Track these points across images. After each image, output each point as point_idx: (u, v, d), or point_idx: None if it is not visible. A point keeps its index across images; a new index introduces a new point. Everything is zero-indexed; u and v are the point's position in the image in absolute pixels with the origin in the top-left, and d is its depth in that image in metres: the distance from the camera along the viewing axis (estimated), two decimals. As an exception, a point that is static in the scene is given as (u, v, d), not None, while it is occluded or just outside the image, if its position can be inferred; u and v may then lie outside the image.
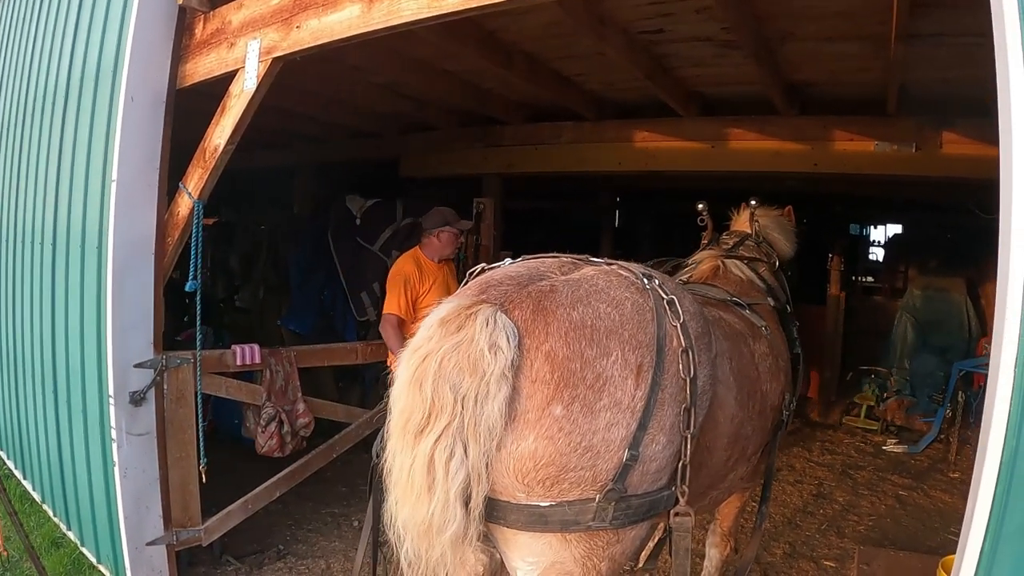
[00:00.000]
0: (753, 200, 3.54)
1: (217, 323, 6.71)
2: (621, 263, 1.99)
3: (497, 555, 1.92)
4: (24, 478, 4.90)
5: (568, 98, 5.06)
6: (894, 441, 6.58)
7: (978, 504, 1.52)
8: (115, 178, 3.31)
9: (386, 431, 1.75)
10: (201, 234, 3.44)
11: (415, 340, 1.72)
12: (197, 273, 3.47)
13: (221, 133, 3.23)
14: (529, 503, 1.71)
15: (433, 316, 1.72)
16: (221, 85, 3.24)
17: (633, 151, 5.50)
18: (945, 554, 2.96)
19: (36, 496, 4.67)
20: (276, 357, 4.11)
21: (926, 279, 7.46)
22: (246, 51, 3.06)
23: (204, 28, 3.36)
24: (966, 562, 1.54)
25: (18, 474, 5.01)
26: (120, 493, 3.37)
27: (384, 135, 7.03)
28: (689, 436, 1.80)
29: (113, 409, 3.34)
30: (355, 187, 6.45)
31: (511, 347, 1.62)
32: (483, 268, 1.99)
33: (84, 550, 3.95)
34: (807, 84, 4.49)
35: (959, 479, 5.63)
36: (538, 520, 1.71)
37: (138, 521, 3.42)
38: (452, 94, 5.25)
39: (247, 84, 3.06)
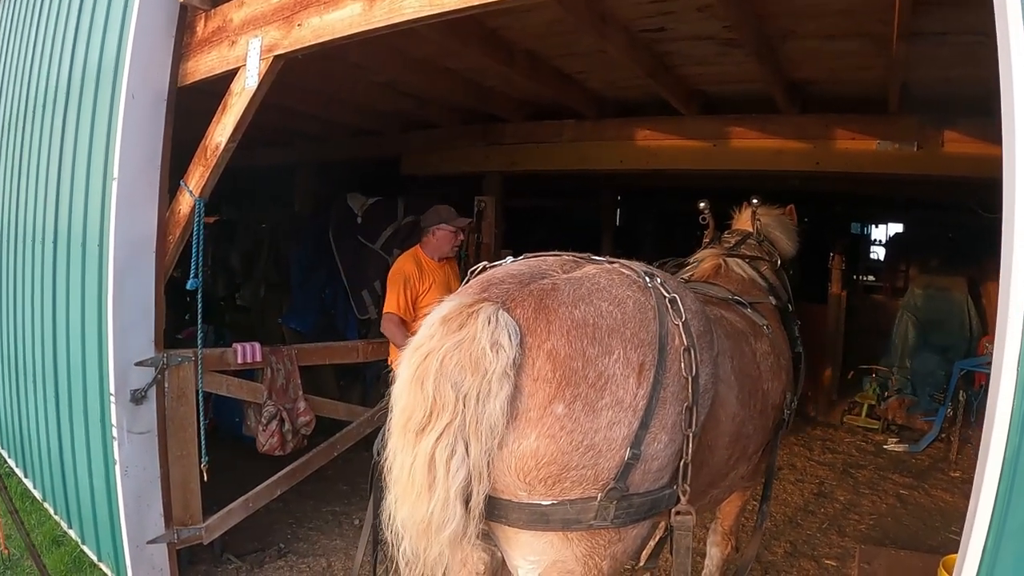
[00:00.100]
0: (755, 199, 3.53)
1: (218, 321, 6.73)
2: (623, 261, 1.99)
3: (498, 554, 1.92)
4: (25, 476, 4.91)
5: (569, 96, 5.06)
6: (895, 440, 6.58)
7: (980, 503, 1.52)
8: (116, 176, 3.31)
9: (387, 429, 1.75)
10: (202, 232, 3.44)
11: (416, 338, 1.71)
12: (198, 271, 3.47)
13: (222, 131, 3.23)
14: (530, 502, 1.70)
15: (435, 314, 1.71)
16: (222, 83, 3.24)
17: (634, 149, 5.50)
18: (946, 553, 2.95)
19: (37, 494, 4.68)
20: (277, 355, 4.11)
21: (927, 278, 7.46)
22: (247, 49, 3.06)
23: (205, 26, 3.36)
24: (968, 561, 1.54)
25: (19, 472, 5.02)
26: (121, 491, 3.38)
27: (385, 133, 7.03)
28: (691, 435, 1.80)
29: (114, 407, 3.34)
30: (356, 185, 6.45)
31: (513, 345, 1.62)
32: (485, 266, 1.99)
33: (85, 548, 3.95)
34: (808, 82, 4.49)
35: (960, 478, 5.63)
36: (539, 519, 1.71)
37: (139, 519, 3.43)
38: (453, 92, 5.24)
39: (248, 82, 3.06)
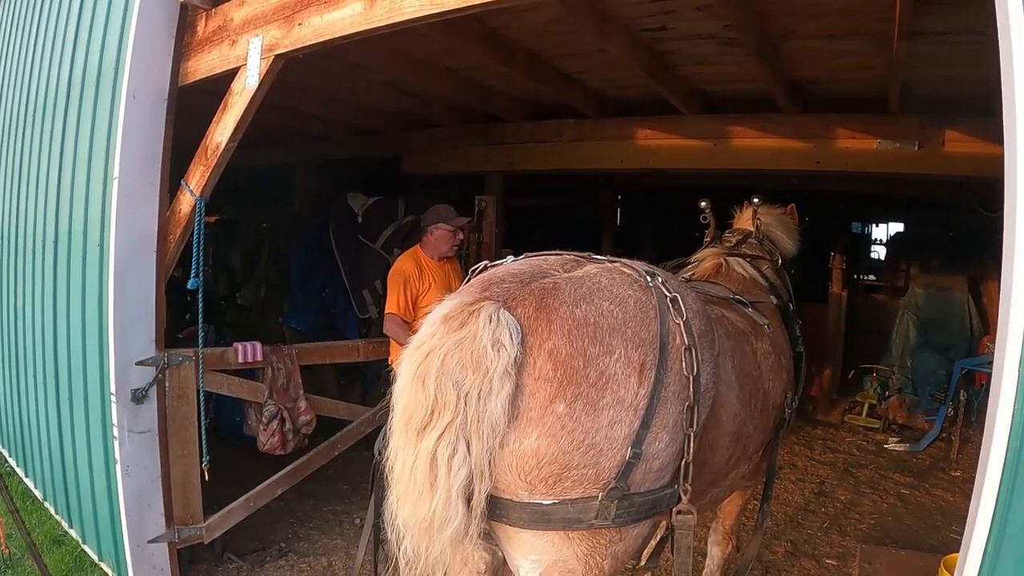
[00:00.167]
0: (756, 198, 3.53)
1: (219, 321, 6.72)
2: (624, 261, 1.99)
3: (499, 553, 1.92)
4: (26, 476, 4.91)
5: (570, 95, 5.05)
6: (896, 439, 6.57)
7: (982, 502, 1.52)
8: (117, 176, 3.31)
9: (388, 428, 1.74)
10: (203, 232, 3.44)
11: (418, 337, 1.71)
12: (199, 271, 3.47)
13: (223, 131, 3.23)
14: (532, 501, 1.70)
15: (436, 313, 1.71)
16: (223, 83, 3.25)
17: (635, 149, 5.50)
18: (947, 553, 2.96)
19: (38, 494, 4.68)
20: (278, 355, 4.11)
21: (928, 277, 7.45)
22: (248, 48, 3.06)
23: (206, 26, 3.36)
24: (970, 560, 1.54)
25: (20, 472, 5.02)
26: (122, 491, 3.38)
27: (386, 132, 7.03)
28: (692, 434, 1.80)
29: (115, 406, 3.34)
30: (357, 184, 6.45)
31: (514, 344, 1.61)
32: (486, 266, 1.99)
33: (86, 548, 3.95)
34: (809, 82, 4.49)
35: (961, 478, 5.63)
36: (541, 518, 1.71)
37: (140, 519, 3.43)
38: (454, 91, 5.24)
39: (249, 81, 3.06)
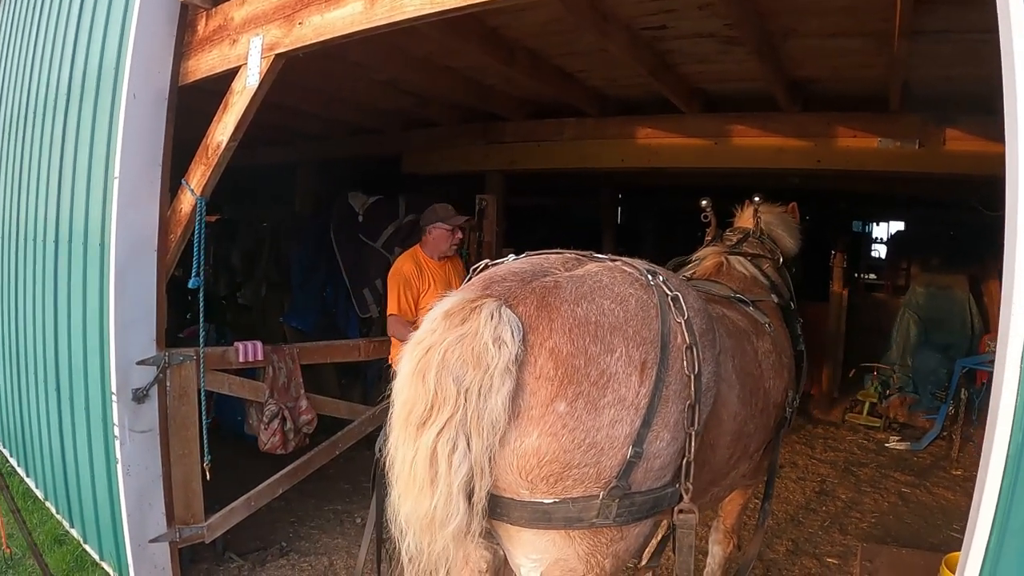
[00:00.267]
0: (757, 196, 3.53)
1: (219, 320, 6.73)
2: (625, 259, 1.98)
3: (500, 552, 1.91)
4: (27, 475, 4.91)
5: (570, 94, 5.05)
6: (897, 438, 6.57)
7: (983, 501, 1.51)
8: (117, 175, 3.31)
9: (388, 423, 1.74)
10: (203, 231, 3.44)
11: (419, 333, 1.71)
12: (200, 270, 3.47)
13: (223, 130, 3.23)
14: (532, 500, 1.70)
15: (437, 309, 1.71)
16: (223, 82, 3.24)
17: (635, 148, 5.49)
18: (948, 551, 2.96)
19: (39, 493, 4.68)
20: (279, 354, 4.11)
21: (929, 276, 7.45)
22: (248, 48, 3.06)
23: (206, 25, 3.36)
24: (971, 559, 1.54)
25: (21, 471, 5.02)
26: (123, 490, 3.38)
27: (386, 132, 7.03)
28: (693, 433, 1.79)
29: (116, 406, 3.34)
30: (357, 184, 6.45)
31: (515, 341, 1.61)
32: (487, 264, 1.99)
33: (87, 547, 3.95)
34: (810, 80, 4.48)
35: (962, 476, 5.63)
36: (542, 517, 1.71)
37: (141, 518, 3.43)
38: (454, 91, 5.24)
39: (249, 81, 3.06)
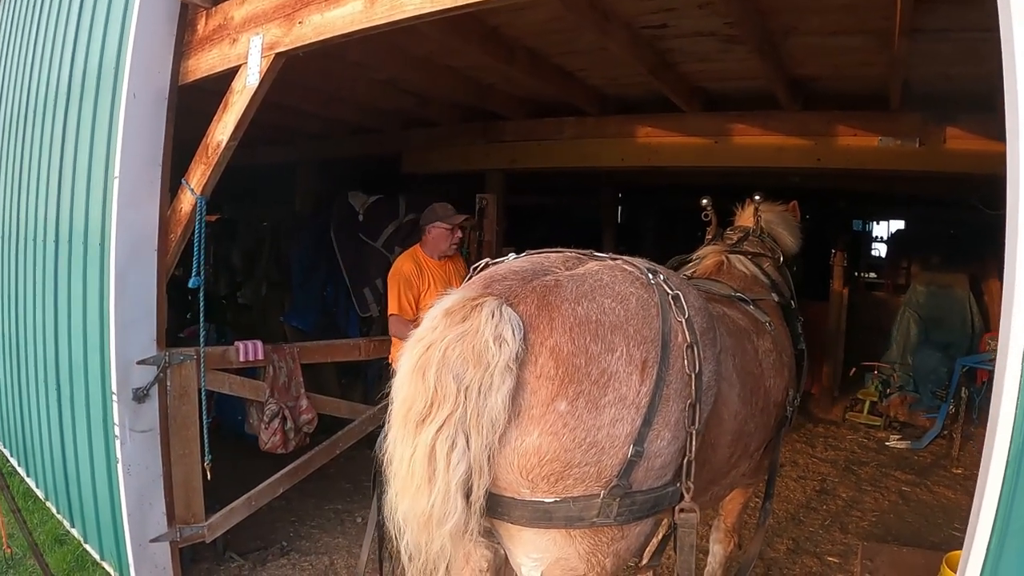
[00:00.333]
0: (757, 195, 3.53)
1: (220, 320, 6.73)
2: (625, 258, 1.98)
3: (501, 551, 1.91)
4: (27, 475, 4.91)
5: (571, 93, 5.05)
6: (897, 437, 6.57)
7: (984, 499, 1.51)
8: (117, 175, 3.31)
9: (387, 420, 1.73)
10: (204, 231, 3.44)
11: (419, 330, 1.71)
12: (200, 270, 3.47)
13: (223, 129, 3.22)
14: (533, 499, 1.70)
15: (438, 307, 1.70)
16: (223, 81, 3.24)
17: (636, 146, 5.49)
18: (949, 550, 2.95)
19: (39, 493, 4.68)
20: (279, 353, 4.11)
21: (929, 275, 7.45)
22: (248, 47, 3.05)
23: (206, 24, 3.36)
24: (972, 558, 1.54)
25: (21, 471, 5.02)
26: (123, 490, 3.38)
27: (386, 131, 7.02)
28: (694, 432, 1.79)
29: (116, 406, 3.34)
30: (357, 183, 6.45)
31: (516, 340, 1.61)
32: (487, 263, 1.98)
33: (87, 547, 3.95)
34: (810, 79, 4.48)
35: (962, 475, 5.62)
36: (542, 516, 1.71)
37: (141, 518, 3.43)
38: (454, 90, 5.24)
39: (249, 80, 3.06)
